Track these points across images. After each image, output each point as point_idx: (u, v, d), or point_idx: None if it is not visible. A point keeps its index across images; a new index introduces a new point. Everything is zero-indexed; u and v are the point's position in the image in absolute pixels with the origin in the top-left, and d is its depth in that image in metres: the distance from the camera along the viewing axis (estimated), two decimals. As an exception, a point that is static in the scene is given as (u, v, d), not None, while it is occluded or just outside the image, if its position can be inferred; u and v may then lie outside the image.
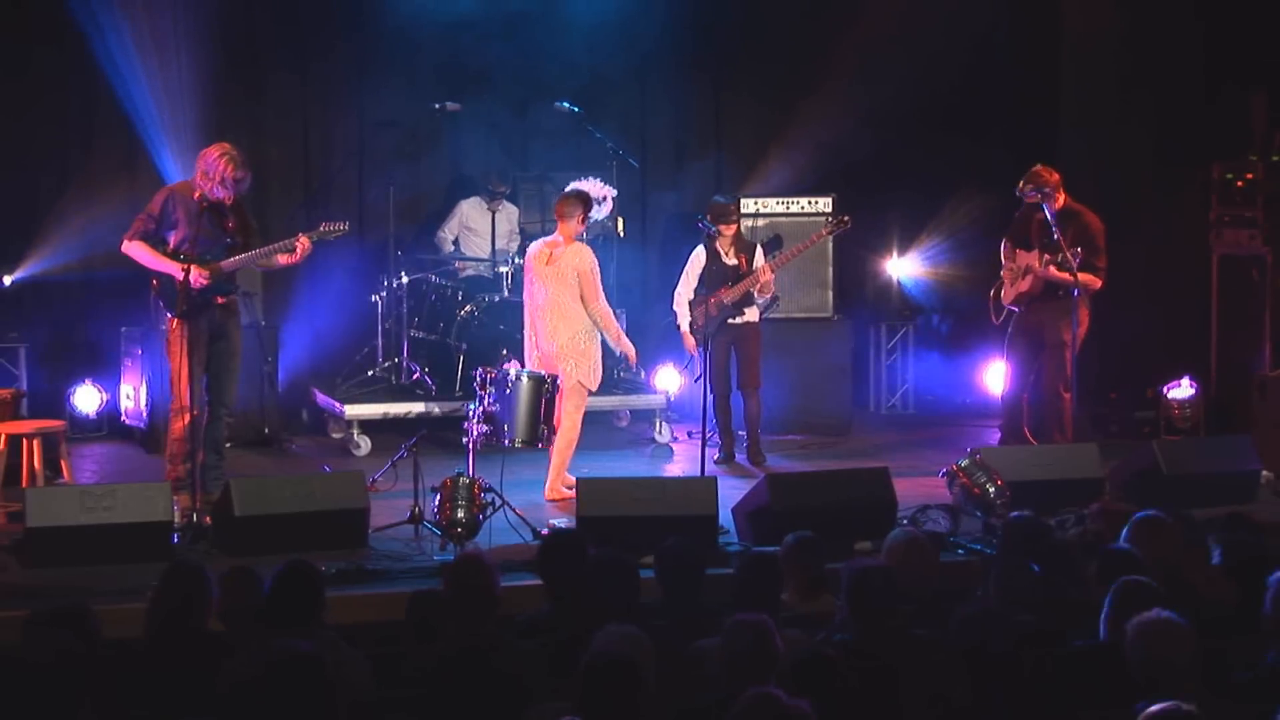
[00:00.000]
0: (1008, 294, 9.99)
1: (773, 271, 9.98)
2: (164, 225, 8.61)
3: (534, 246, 9.32)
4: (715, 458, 10.01)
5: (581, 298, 9.04)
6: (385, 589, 7.09)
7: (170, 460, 8.55)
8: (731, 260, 10.06)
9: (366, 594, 6.98)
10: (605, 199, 10.37)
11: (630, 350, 9.38)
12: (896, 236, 12.59)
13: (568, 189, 9.87)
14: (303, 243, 8.60)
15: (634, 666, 4.48)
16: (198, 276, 8.33)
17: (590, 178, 10.47)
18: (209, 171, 8.49)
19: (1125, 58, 12.00)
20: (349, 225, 8.92)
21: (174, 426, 8.51)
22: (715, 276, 10.05)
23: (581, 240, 9.29)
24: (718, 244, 10.05)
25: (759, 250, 10.22)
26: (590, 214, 9.36)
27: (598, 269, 9.13)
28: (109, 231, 9.72)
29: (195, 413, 8.44)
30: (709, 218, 10.01)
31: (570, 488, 8.67)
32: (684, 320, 10.13)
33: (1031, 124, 12.23)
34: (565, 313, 9.03)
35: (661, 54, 12.15)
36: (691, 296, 10.12)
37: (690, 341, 10.12)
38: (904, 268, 12.65)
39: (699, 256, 10.14)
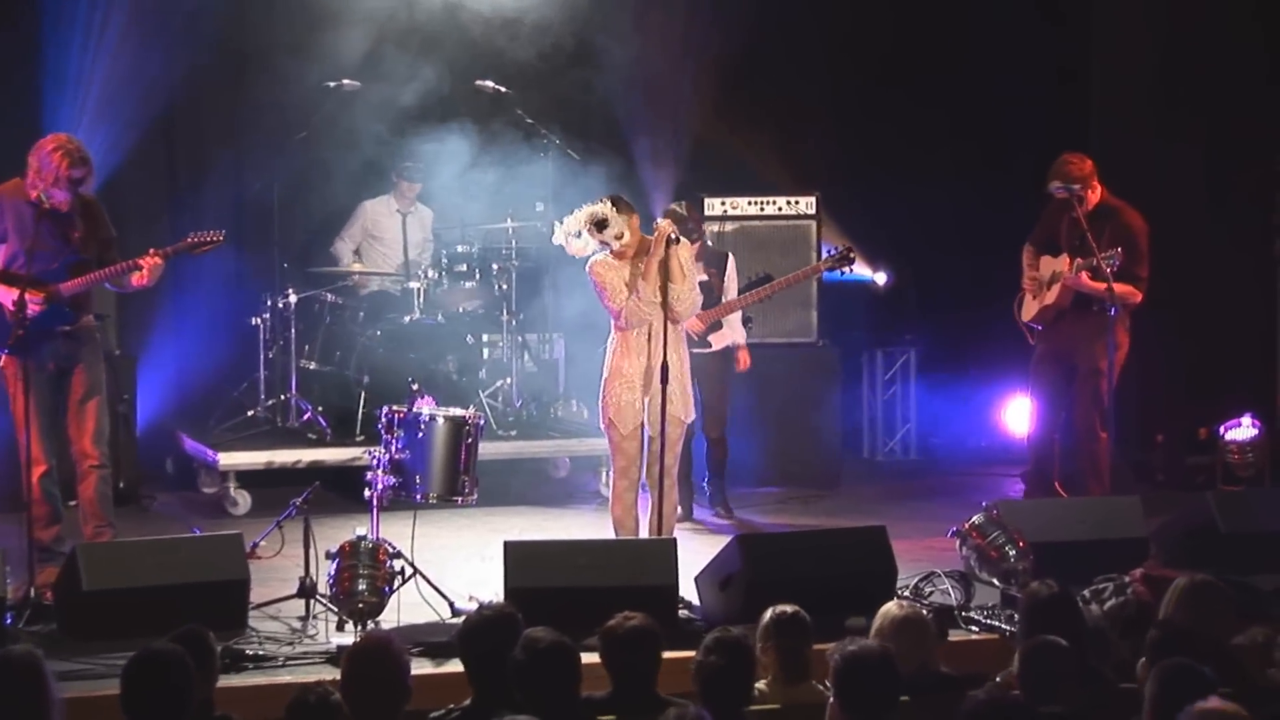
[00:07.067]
0: (1029, 309, 10.01)
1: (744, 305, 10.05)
2: (-11, 238, 8.50)
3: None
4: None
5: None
6: (269, 678, 7.10)
7: (35, 524, 8.32)
8: (700, 275, 9.80)
9: (246, 684, 6.96)
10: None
11: None
12: (895, 245, 12.64)
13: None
14: (150, 260, 8.44)
15: None
16: (30, 302, 8.15)
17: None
18: (42, 169, 8.31)
19: (1168, 33, 12.07)
20: (224, 235, 8.83)
21: (31, 484, 8.35)
22: None
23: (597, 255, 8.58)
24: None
25: (730, 261, 10.20)
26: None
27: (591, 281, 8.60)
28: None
29: (48, 465, 8.39)
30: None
31: None
32: None
33: (1058, 109, 12.33)
34: None
35: (609, 25, 12.05)
36: None
37: None
38: (903, 281, 12.72)
39: None
